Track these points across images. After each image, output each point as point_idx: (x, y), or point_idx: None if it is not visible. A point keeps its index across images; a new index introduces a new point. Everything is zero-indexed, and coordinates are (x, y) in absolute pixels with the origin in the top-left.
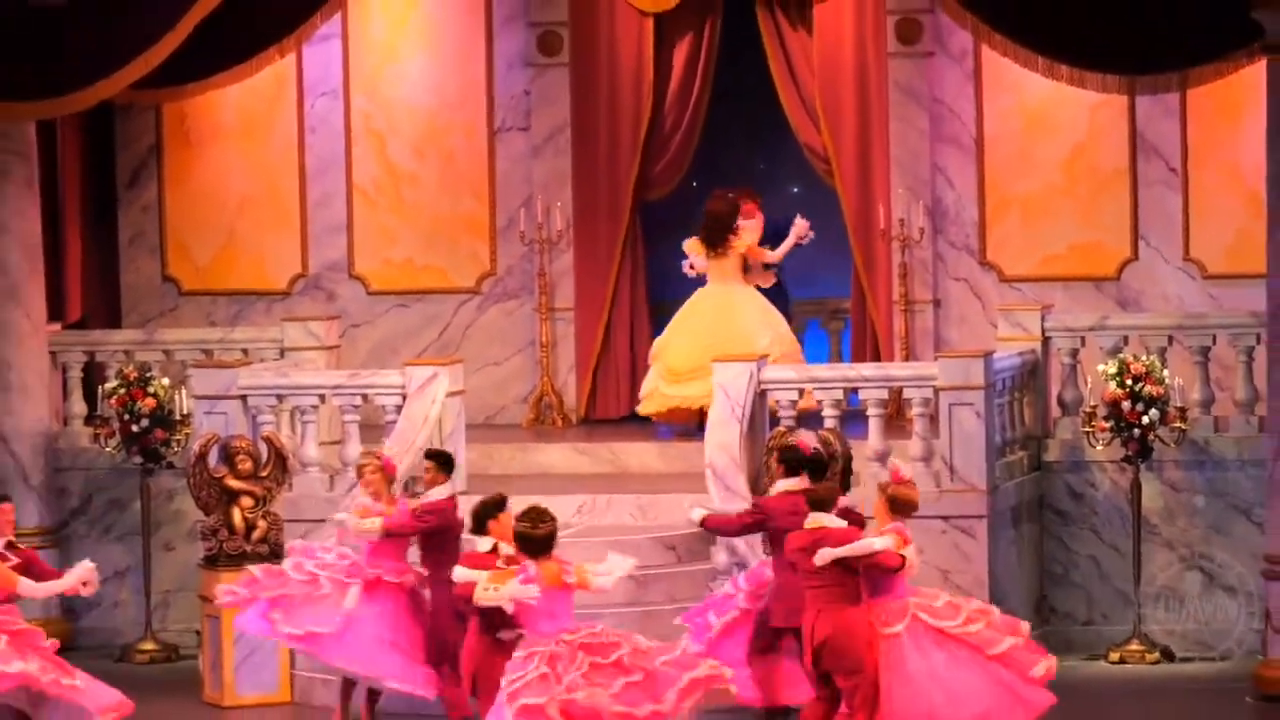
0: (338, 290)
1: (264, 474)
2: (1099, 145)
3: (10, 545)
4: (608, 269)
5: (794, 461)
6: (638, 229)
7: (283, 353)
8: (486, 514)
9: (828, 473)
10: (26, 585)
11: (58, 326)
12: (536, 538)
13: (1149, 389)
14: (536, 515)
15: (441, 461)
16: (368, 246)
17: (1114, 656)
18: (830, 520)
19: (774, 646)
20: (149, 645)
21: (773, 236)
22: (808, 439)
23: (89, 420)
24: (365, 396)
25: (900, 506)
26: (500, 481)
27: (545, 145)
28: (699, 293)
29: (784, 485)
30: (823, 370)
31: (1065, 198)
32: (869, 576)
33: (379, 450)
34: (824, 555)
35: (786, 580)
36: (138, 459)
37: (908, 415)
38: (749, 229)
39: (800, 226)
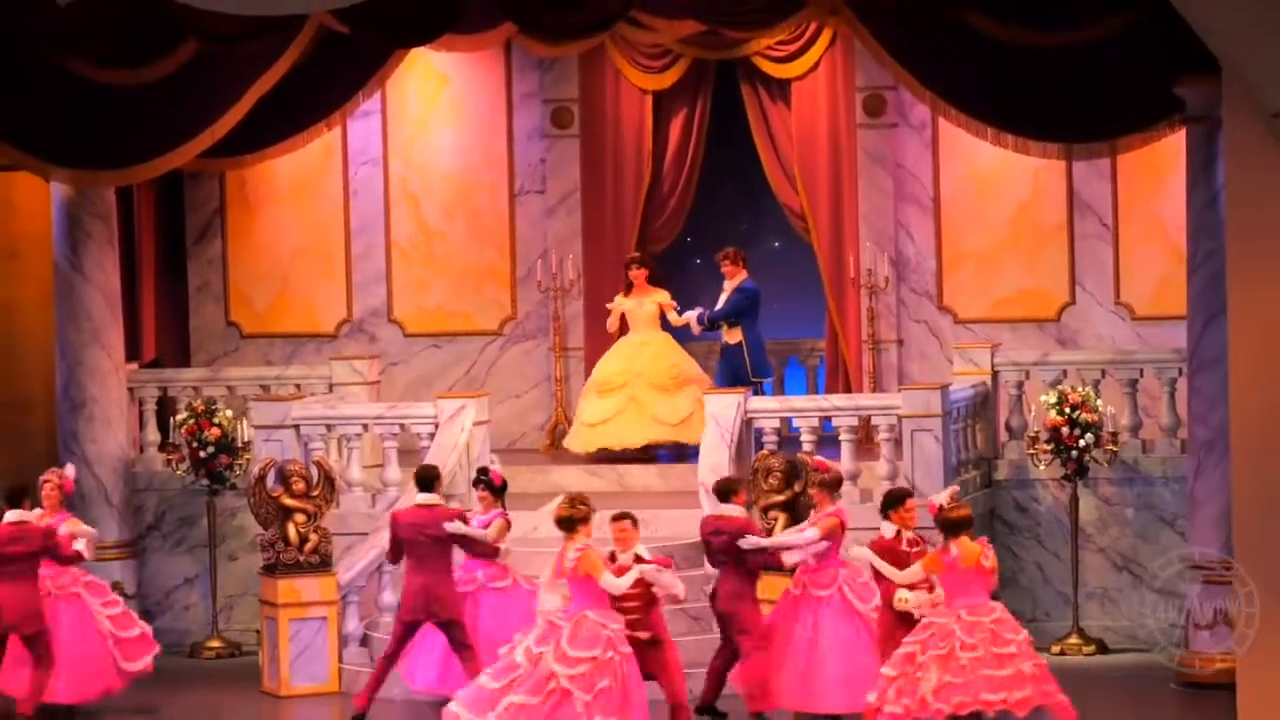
0: (378, 333)
1: (315, 493)
2: (1041, 204)
3: None
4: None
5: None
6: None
7: (331, 387)
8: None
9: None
10: None
11: (135, 365)
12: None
13: (1085, 416)
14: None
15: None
16: (404, 294)
17: (1055, 649)
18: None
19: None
20: (215, 643)
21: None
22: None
23: (162, 447)
24: (403, 425)
25: (829, 485)
26: (521, 499)
27: (559, 206)
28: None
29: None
30: (801, 401)
31: (1012, 250)
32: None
33: (61, 470)
34: (748, 542)
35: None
36: (205, 481)
37: (875, 439)
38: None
39: (690, 317)
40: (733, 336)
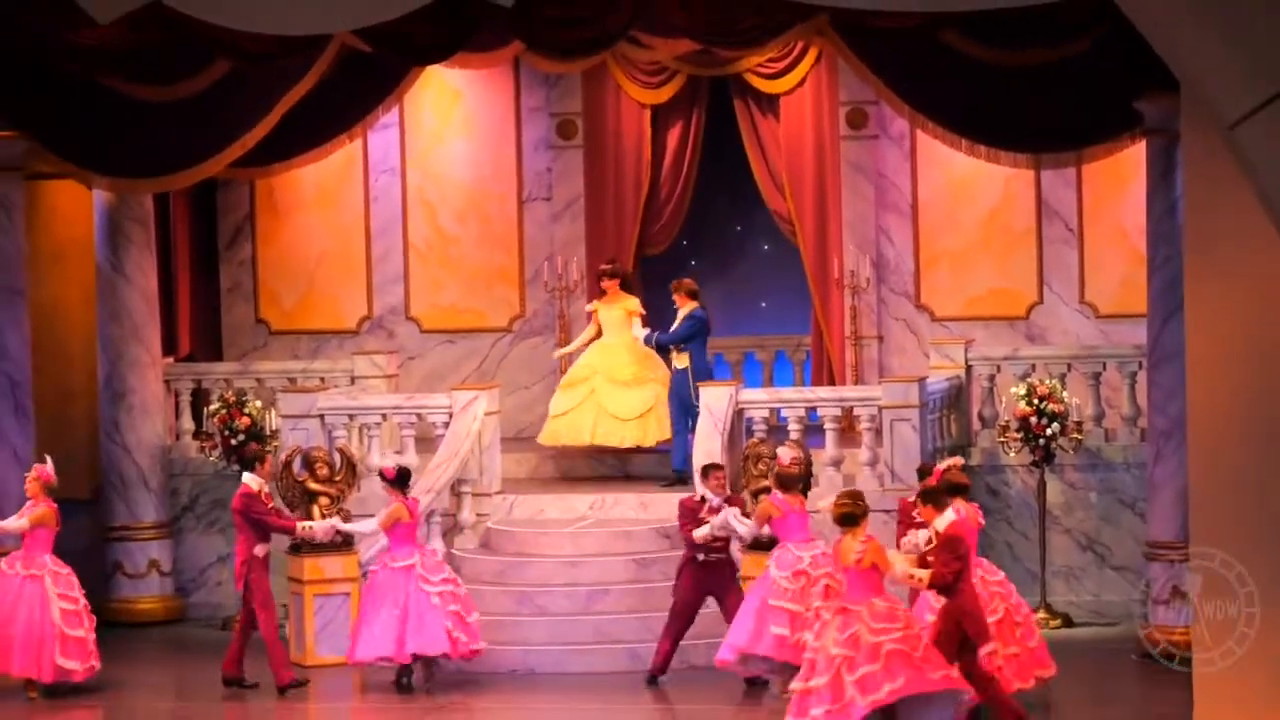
0: (396, 329)
1: (338, 478)
2: (1011, 210)
3: None
4: None
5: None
6: (638, 279)
7: (353, 380)
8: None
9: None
10: None
11: (171, 359)
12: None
13: (1052, 407)
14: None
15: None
16: (421, 294)
17: None
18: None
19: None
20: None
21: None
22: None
23: (196, 435)
24: (419, 415)
25: (785, 483)
26: (528, 484)
27: (564, 212)
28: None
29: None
30: (788, 393)
31: (984, 252)
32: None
33: (41, 465)
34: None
35: None
36: (235, 466)
37: (857, 429)
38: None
39: (639, 336)
40: (681, 361)
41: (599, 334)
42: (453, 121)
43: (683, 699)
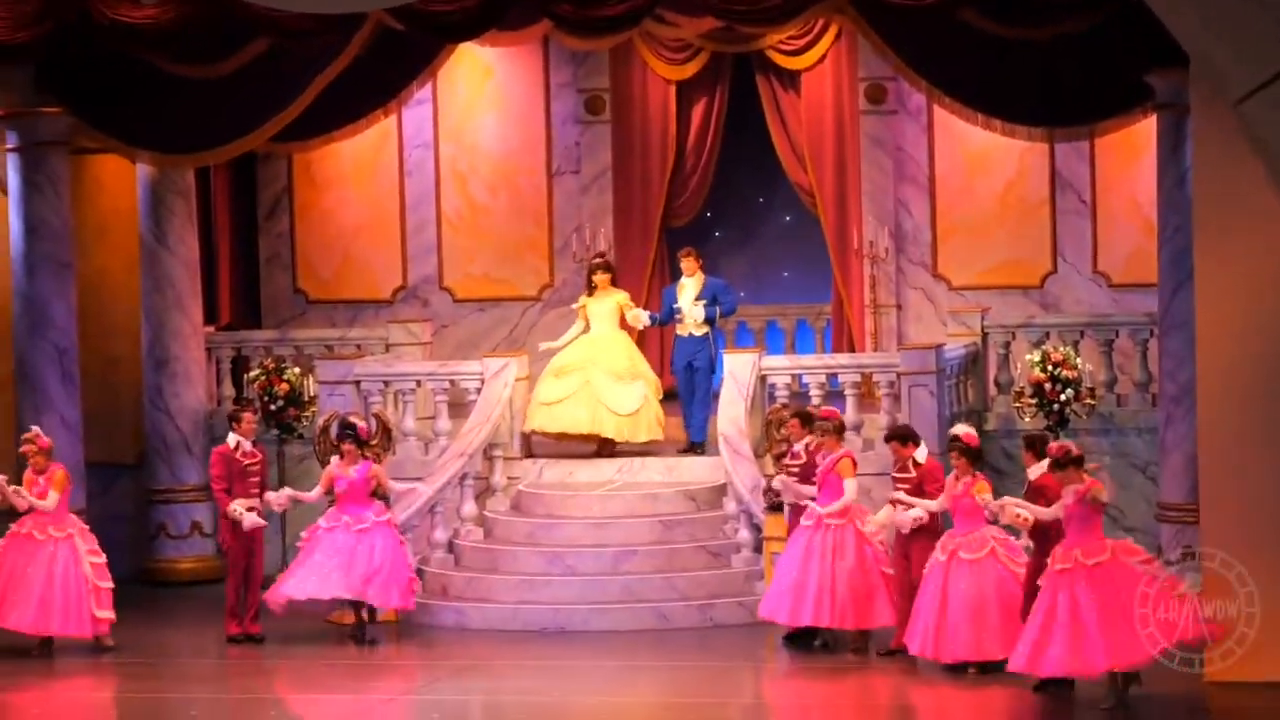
0: (430, 298)
1: (374, 442)
2: (1026, 182)
3: None
4: (641, 279)
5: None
6: (664, 249)
7: (388, 347)
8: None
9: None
10: None
11: (212, 328)
12: None
13: (1065, 373)
14: None
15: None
16: (453, 264)
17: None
18: None
19: None
20: None
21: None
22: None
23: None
24: (452, 381)
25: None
26: (557, 446)
27: (592, 184)
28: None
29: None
30: (810, 360)
31: (999, 223)
32: None
33: (35, 431)
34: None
35: None
36: (275, 431)
37: (876, 394)
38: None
39: (640, 316)
40: (700, 329)
41: (586, 329)
42: (484, 97)
43: (708, 657)
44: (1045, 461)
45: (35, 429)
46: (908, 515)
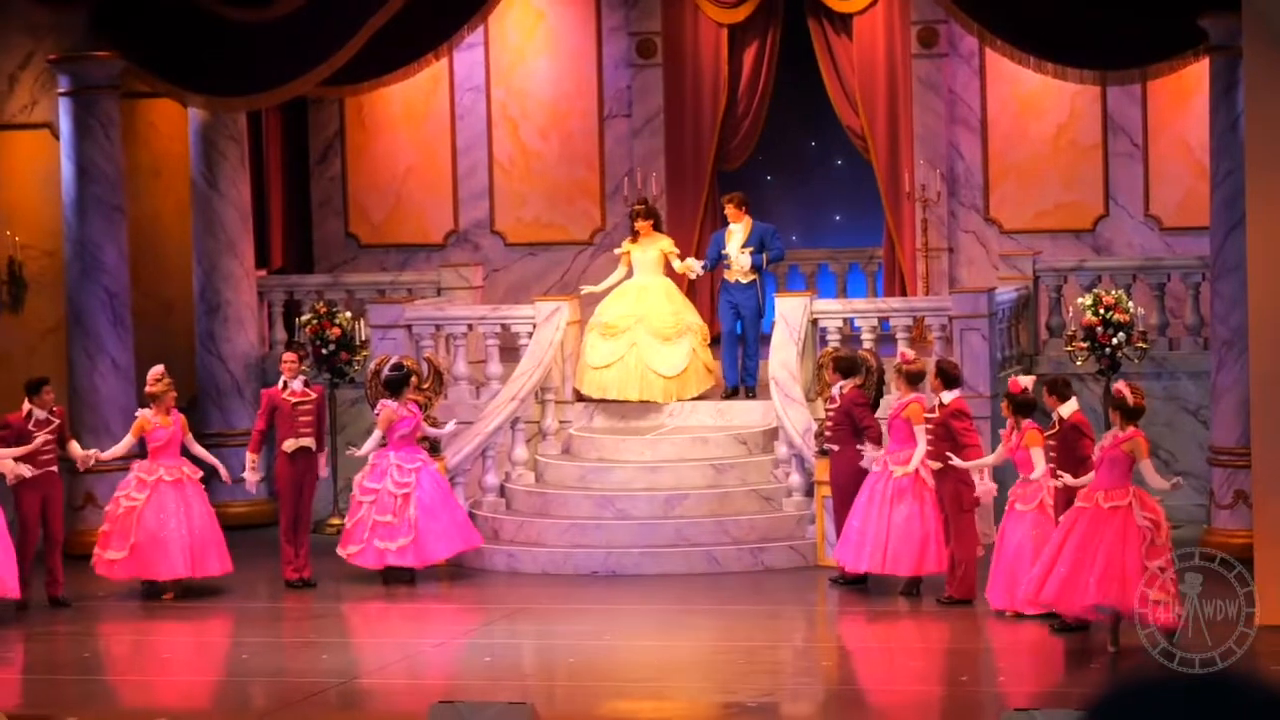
0: (481, 242)
1: (425, 386)
2: (1078, 125)
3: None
4: (693, 223)
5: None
6: (715, 193)
7: (439, 291)
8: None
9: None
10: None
11: (264, 272)
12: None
13: (1118, 317)
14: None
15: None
16: (505, 208)
17: None
18: None
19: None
20: (335, 520)
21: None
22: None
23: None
24: (504, 325)
25: (913, 379)
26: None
27: (643, 128)
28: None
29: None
30: (861, 303)
31: (1051, 167)
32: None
33: (161, 370)
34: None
35: None
36: (327, 375)
37: (928, 338)
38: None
39: (692, 265)
40: (748, 276)
41: (629, 275)
42: (536, 41)
43: (759, 601)
44: (1074, 400)
45: (160, 367)
46: (988, 486)
